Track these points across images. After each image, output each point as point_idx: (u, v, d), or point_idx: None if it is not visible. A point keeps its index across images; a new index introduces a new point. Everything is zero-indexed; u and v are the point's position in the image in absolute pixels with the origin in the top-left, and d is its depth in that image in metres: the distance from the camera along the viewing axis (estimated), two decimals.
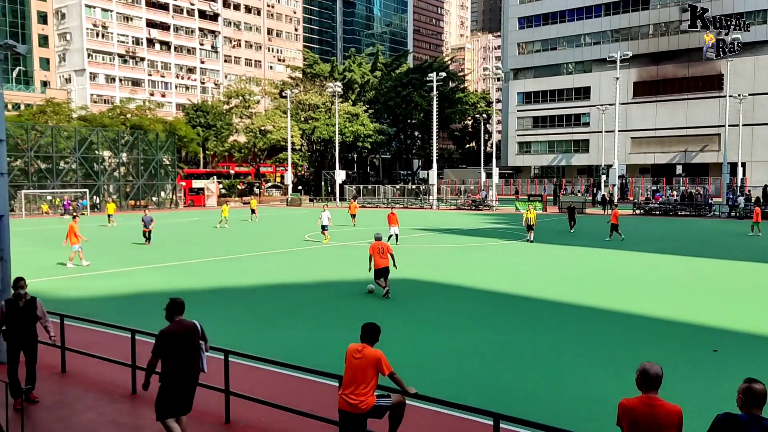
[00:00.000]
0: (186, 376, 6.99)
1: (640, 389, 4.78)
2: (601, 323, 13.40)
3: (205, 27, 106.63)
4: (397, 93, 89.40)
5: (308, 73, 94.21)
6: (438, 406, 7.56)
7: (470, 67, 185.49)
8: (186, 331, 7.05)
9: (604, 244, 27.79)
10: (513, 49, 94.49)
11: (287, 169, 73.88)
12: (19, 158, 54.26)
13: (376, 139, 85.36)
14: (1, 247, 10.68)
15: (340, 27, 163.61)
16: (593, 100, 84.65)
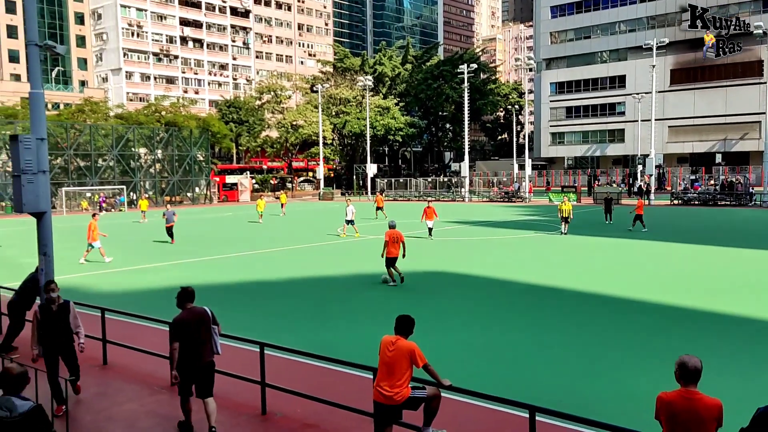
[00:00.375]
0: (201, 360, 7.34)
1: (679, 382, 4.71)
2: (636, 315, 13.20)
3: (236, 24, 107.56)
4: (428, 85, 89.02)
5: (339, 67, 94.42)
6: (473, 398, 7.54)
7: (502, 57, 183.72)
8: (198, 317, 7.39)
9: (640, 236, 27.33)
10: (545, 39, 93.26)
11: (319, 164, 74.27)
12: (59, 156, 55.56)
13: (407, 132, 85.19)
14: (44, 243, 10.96)
15: (371, 20, 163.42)
16: (629, 89, 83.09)
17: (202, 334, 7.36)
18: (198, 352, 7.32)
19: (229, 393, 8.76)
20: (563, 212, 28.02)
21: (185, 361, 7.28)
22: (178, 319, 7.35)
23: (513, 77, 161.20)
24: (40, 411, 4.52)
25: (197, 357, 7.32)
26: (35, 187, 10.51)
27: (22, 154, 10.36)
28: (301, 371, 9.64)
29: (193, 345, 7.28)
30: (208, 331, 7.47)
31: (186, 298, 7.55)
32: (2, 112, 63.34)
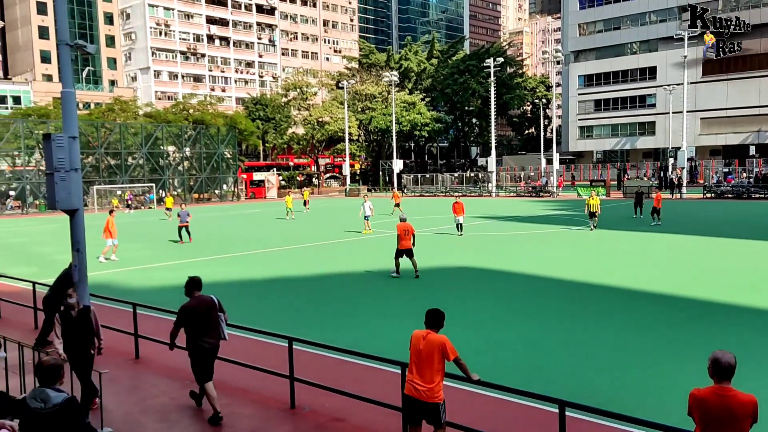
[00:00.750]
0: (208, 344, 7.81)
1: (712, 378, 4.63)
2: (668, 310, 12.99)
3: (262, 21, 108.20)
4: (454, 80, 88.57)
5: (364, 63, 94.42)
6: (502, 393, 7.50)
7: (528, 51, 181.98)
8: (205, 305, 7.86)
9: (671, 229, 26.90)
10: (573, 31, 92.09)
11: (345, 160, 74.42)
12: (90, 155, 56.55)
13: (434, 127, 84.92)
14: (77, 239, 11.15)
15: (396, 15, 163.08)
16: (659, 80, 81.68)
17: (208, 321, 7.82)
18: (205, 337, 7.79)
19: (258, 387, 8.85)
20: (590, 207, 27.48)
21: (194, 345, 7.78)
22: (186, 307, 7.82)
23: (540, 70, 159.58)
24: (74, 402, 4.60)
25: (204, 342, 7.79)
26: (68, 185, 10.71)
27: (55, 153, 10.55)
28: (329, 366, 9.69)
29: (202, 330, 7.77)
30: (216, 318, 7.90)
31: (193, 287, 7.98)
32: (35, 111, 64.67)
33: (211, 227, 35.06)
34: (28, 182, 53.56)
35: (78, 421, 4.60)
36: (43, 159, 49.87)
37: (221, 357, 9.27)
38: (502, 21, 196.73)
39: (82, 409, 4.74)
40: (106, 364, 9.50)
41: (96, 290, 12.50)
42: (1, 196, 52.62)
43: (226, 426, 7.68)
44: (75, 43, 11.07)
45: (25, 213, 51.19)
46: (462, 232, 26.67)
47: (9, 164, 55.56)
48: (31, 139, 54.61)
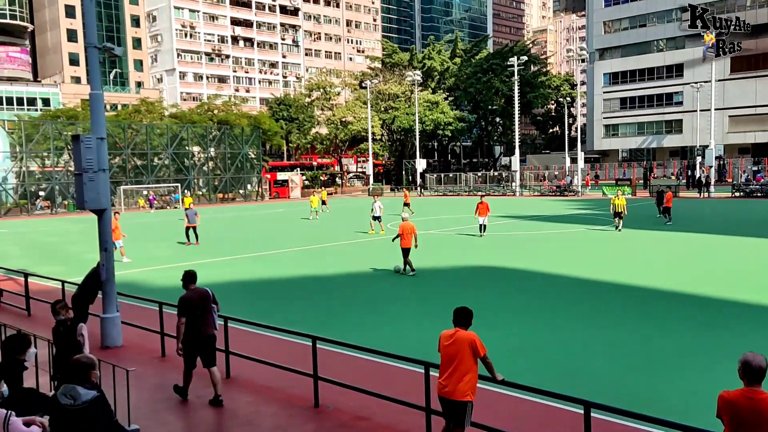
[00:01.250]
0: (203, 334, 8.32)
1: (742, 381, 4.55)
2: (696, 311, 12.80)
3: (286, 22, 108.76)
4: (478, 79, 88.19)
5: (387, 62, 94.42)
6: (527, 393, 7.46)
7: (553, 49, 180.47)
8: (201, 297, 8.41)
9: (698, 229, 26.50)
10: (598, 28, 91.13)
11: (368, 160, 74.53)
12: (117, 156, 57.37)
13: (457, 126, 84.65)
14: (105, 239, 11.34)
15: (419, 15, 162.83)
16: (686, 78, 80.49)
17: (204, 312, 8.35)
18: (201, 327, 8.30)
19: (282, 385, 8.91)
20: (616, 207, 26.76)
21: (190, 335, 8.27)
22: (185, 298, 8.35)
23: (564, 69, 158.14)
24: (103, 400, 4.68)
25: (200, 331, 8.29)
26: (96, 185, 10.89)
27: (84, 153, 10.74)
28: (352, 364, 9.71)
29: (197, 321, 8.28)
30: (210, 309, 8.44)
31: (189, 280, 8.57)
32: (64, 113, 65.78)
33: (235, 226, 35.37)
34: (57, 183, 54.50)
35: (106, 419, 4.67)
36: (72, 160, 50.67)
37: (246, 355, 9.36)
38: (526, 19, 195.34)
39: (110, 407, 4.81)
40: (132, 362, 9.65)
41: (123, 289, 12.68)
42: (32, 197, 53.62)
43: (250, 424, 7.75)
44: (103, 45, 11.24)
45: (54, 213, 52.12)
46: (484, 232, 25.99)
47: (39, 165, 56.59)
48: (60, 141, 55.56)
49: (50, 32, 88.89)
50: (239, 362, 9.42)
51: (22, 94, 78.72)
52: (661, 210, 30.03)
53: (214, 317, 8.52)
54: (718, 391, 4.72)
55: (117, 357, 10.30)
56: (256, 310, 13.60)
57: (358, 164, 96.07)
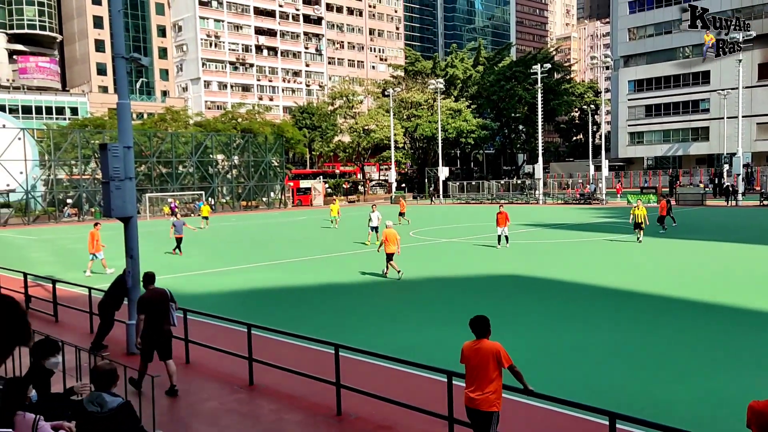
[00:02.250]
0: (161, 329, 9.14)
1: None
2: (721, 320, 12.58)
3: (309, 31, 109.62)
4: (501, 87, 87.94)
5: (410, 70, 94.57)
6: (551, 403, 7.39)
7: (576, 56, 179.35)
8: (159, 296, 9.28)
9: (724, 238, 26.05)
10: (623, 35, 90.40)
11: (391, 168, 74.61)
12: (143, 164, 58.12)
13: (480, 134, 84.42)
14: (131, 246, 11.48)
15: (441, 23, 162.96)
16: (713, 85, 79.44)
17: (162, 309, 9.20)
18: (159, 324, 9.12)
19: (304, 393, 8.92)
20: (637, 218, 25.37)
21: (148, 331, 9.06)
22: (144, 297, 9.25)
23: (588, 76, 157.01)
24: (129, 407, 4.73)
25: (158, 327, 9.11)
26: (123, 193, 11.04)
27: (111, 162, 10.90)
28: (375, 373, 9.70)
29: (155, 318, 9.10)
30: (167, 307, 9.29)
31: (149, 281, 9.53)
32: (91, 122, 66.88)
33: (258, 234, 35.59)
34: (84, 190, 55.37)
35: (132, 425, 4.72)
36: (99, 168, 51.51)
37: (269, 362, 9.40)
38: (549, 27, 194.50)
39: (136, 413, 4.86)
40: (157, 368, 9.73)
41: None
42: (59, 204, 54.52)
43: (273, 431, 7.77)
44: (130, 56, 11.41)
45: (81, 220, 52.91)
46: (507, 243, 24.71)
47: (66, 173, 57.54)
48: (87, 149, 56.46)
49: (78, 42, 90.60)
50: (262, 369, 9.45)
51: (51, 103, 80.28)
52: (657, 219, 29.61)
53: (172, 315, 9.38)
54: (747, 401, 4.63)
55: None
56: (277, 317, 13.65)
57: (380, 172, 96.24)
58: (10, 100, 77.02)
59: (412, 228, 34.48)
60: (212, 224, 42.36)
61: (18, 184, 50.80)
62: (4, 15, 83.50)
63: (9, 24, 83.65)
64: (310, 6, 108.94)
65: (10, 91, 78.92)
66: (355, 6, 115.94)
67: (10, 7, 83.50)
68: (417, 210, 53.26)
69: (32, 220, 50.94)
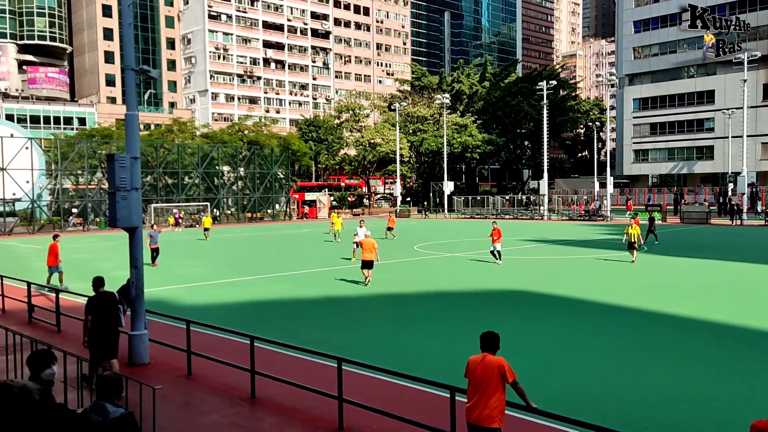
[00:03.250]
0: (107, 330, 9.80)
1: None
2: (731, 341, 12.50)
3: (317, 45, 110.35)
4: (506, 103, 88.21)
5: (416, 85, 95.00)
6: (554, 421, 7.34)
7: (582, 74, 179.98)
8: (107, 299, 10.09)
9: (729, 257, 25.94)
10: (628, 54, 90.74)
11: (396, 181, 74.72)
12: (149, 174, 58.36)
13: (485, 149, 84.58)
14: (135, 257, 11.51)
15: (448, 39, 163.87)
16: (718, 104, 79.53)
17: (109, 310, 9.94)
18: (105, 324, 9.79)
19: (306, 407, 8.89)
20: (631, 237, 24.54)
21: (96, 330, 9.71)
22: (93, 298, 10.00)
23: (594, 93, 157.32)
24: (131, 418, 4.71)
25: (104, 327, 9.78)
26: (128, 204, 11.08)
27: (118, 172, 10.96)
28: (378, 387, 9.66)
29: (102, 318, 9.79)
30: (115, 309, 10.06)
31: (98, 284, 10.20)
32: (99, 132, 67.27)
33: (262, 246, 35.62)
34: (89, 200, 55.58)
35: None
36: (105, 178, 51.84)
37: (271, 375, 9.37)
38: (555, 44, 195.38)
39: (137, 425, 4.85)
40: (159, 380, 9.72)
41: (150, 306, 12.82)
42: (65, 214, 54.73)
43: None
44: (140, 68, 11.50)
45: (86, 230, 53.07)
46: (499, 259, 24.51)
47: (73, 183, 57.81)
48: (94, 159, 56.75)
49: (88, 54, 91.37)
50: (264, 382, 9.43)
51: (59, 113, 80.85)
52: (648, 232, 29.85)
53: (120, 316, 10.15)
54: (751, 421, 4.60)
55: (143, 374, 10.38)
56: (279, 330, 13.63)
57: (385, 186, 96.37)
58: (19, 110, 77.59)
59: (417, 242, 34.45)
60: (216, 235, 42.43)
61: (24, 193, 51.02)
62: (15, 26, 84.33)
63: (20, 35, 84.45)
64: (318, 20, 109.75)
65: (20, 100, 79.55)
66: (362, 21, 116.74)
67: (21, 18, 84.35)
68: (423, 225, 53.27)
69: (37, 229, 51.10)
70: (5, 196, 50.52)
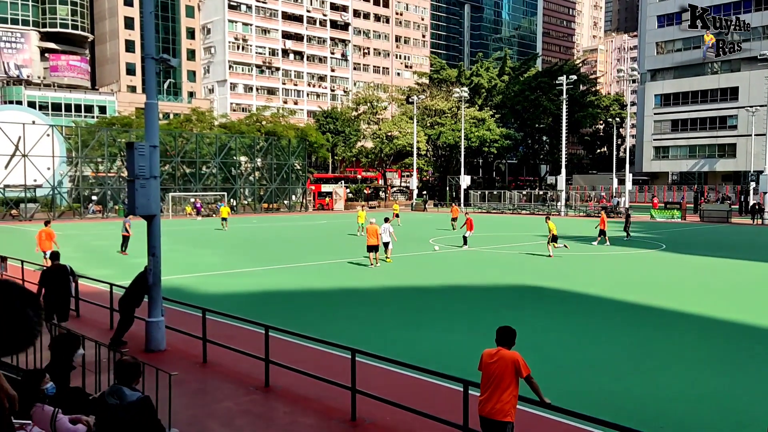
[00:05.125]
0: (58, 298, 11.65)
1: None
2: (749, 341, 12.36)
3: (336, 36, 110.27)
4: (525, 97, 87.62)
5: (435, 78, 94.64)
6: (568, 417, 7.31)
7: (603, 69, 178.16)
8: (59, 270, 11.91)
9: (750, 256, 25.62)
10: (651, 49, 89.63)
11: (413, 174, 74.64)
12: (167, 163, 58.76)
13: (503, 144, 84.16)
14: (153, 244, 11.60)
15: (468, 32, 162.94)
16: (741, 101, 78.39)
17: (61, 281, 11.79)
18: (57, 292, 11.63)
19: (319, 397, 8.93)
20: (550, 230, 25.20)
21: (49, 297, 11.49)
22: (46, 270, 12.06)
23: (614, 89, 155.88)
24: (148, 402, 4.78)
25: (56, 295, 11.60)
26: (147, 192, 11.17)
27: (137, 160, 11.04)
28: (391, 379, 9.68)
29: (55, 287, 11.65)
30: (67, 280, 11.87)
31: (54, 258, 12.24)
32: (119, 121, 67.81)
33: (278, 236, 35.77)
34: (109, 188, 56.12)
35: (150, 420, 4.76)
36: (124, 166, 52.31)
37: (285, 365, 9.43)
38: (576, 38, 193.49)
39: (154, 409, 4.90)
40: (175, 367, 9.80)
41: (168, 294, 12.94)
42: (84, 201, 55.31)
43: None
44: (160, 57, 11.56)
45: (105, 217, 53.62)
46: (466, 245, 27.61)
47: (92, 170, 58.37)
48: (113, 147, 57.25)
49: (109, 42, 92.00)
50: (278, 371, 9.48)
51: (80, 101, 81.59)
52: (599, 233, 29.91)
53: (70, 287, 11.98)
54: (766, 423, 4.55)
55: (159, 361, 10.48)
56: (293, 320, 13.69)
57: (402, 179, 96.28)
58: (41, 97, 78.40)
59: (433, 235, 34.41)
60: (233, 225, 42.66)
61: (45, 179, 51.62)
62: (38, 13, 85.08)
63: (42, 22, 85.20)
64: (337, 12, 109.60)
65: (41, 88, 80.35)
66: (382, 13, 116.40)
67: (44, 6, 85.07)
68: (439, 218, 53.20)
69: (57, 216, 51.72)
70: (27, 182, 51.16)
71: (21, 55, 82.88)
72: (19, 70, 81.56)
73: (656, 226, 44.12)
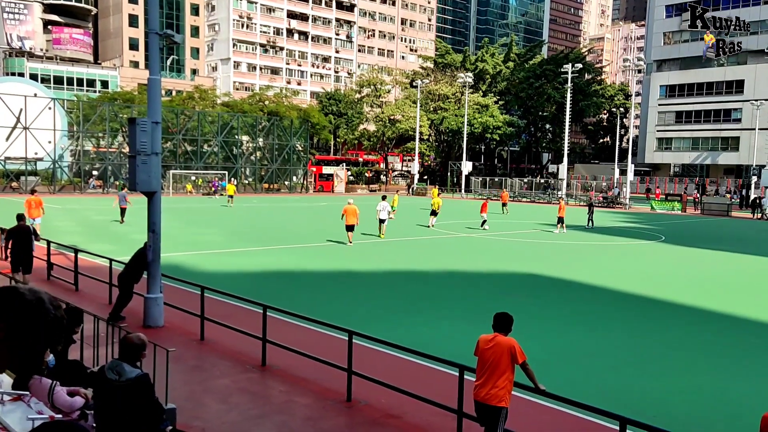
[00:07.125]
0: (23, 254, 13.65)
1: None
2: (746, 334, 12.41)
3: (341, 17, 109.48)
4: (530, 84, 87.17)
5: (440, 63, 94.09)
6: (562, 404, 7.37)
7: (609, 58, 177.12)
8: (23, 230, 13.87)
9: (749, 250, 25.66)
10: (657, 39, 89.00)
11: (414, 159, 74.49)
12: (169, 140, 58.64)
13: (505, 131, 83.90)
14: (153, 221, 11.60)
15: (474, 17, 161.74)
16: (746, 95, 78.01)
17: (26, 239, 13.74)
18: (22, 248, 13.62)
19: (315, 377, 8.98)
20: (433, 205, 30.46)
21: (15, 254, 13.62)
22: (12, 229, 13.94)
23: (620, 78, 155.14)
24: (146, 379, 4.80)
25: (21, 250, 13.61)
26: (148, 168, 11.15)
27: (138, 136, 11.01)
28: (387, 362, 9.73)
29: (20, 244, 13.63)
30: (30, 238, 13.82)
31: (19, 219, 14.06)
32: (121, 96, 67.56)
33: (279, 217, 35.79)
34: (110, 163, 56.05)
35: (147, 396, 4.79)
36: (126, 142, 52.20)
37: (283, 345, 9.47)
38: (583, 26, 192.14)
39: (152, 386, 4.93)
40: (173, 343, 9.85)
41: (167, 271, 12.96)
42: (85, 175, 55.25)
43: (282, 413, 7.84)
44: (164, 32, 11.48)
45: (105, 192, 53.61)
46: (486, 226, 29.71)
47: (94, 145, 58.26)
48: (115, 122, 57.07)
49: (113, 17, 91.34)
50: (275, 351, 9.52)
51: (82, 75, 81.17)
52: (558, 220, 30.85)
53: (32, 244, 13.88)
54: (761, 413, 4.58)
55: (157, 337, 10.51)
56: (292, 300, 13.74)
57: (403, 163, 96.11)
58: (43, 70, 78.00)
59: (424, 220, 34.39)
60: (235, 204, 42.67)
61: (46, 153, 51.52)
62: None
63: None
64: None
65: (44, 60, 79.92)
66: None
67: None
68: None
69: (58, 190, 51.70)
70: (27, 155, 51.07)
71: (24, 26, 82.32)
72: (22, 42, 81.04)
73: (656, 218, 44.14)
